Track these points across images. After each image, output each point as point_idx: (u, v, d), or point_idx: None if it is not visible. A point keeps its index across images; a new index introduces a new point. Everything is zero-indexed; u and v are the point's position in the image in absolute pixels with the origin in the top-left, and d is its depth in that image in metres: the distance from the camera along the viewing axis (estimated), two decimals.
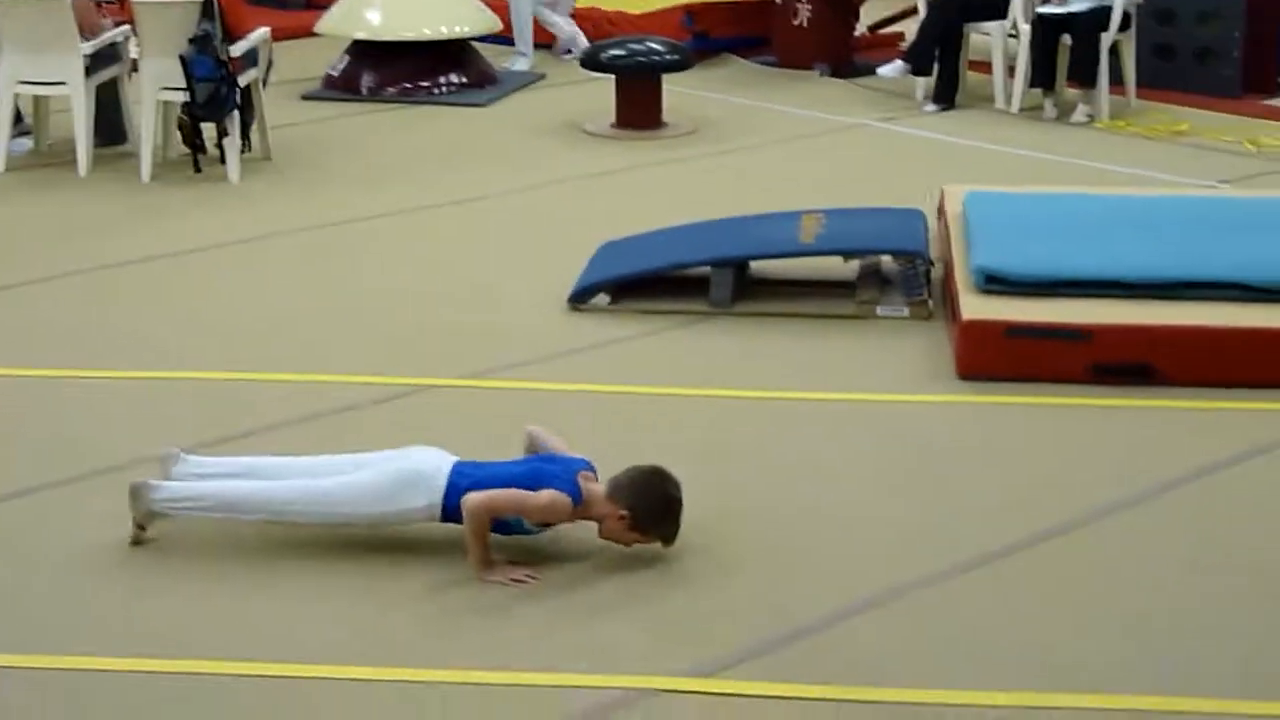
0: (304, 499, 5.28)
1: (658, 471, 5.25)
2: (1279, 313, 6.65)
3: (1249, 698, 4.46)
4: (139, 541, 5.31)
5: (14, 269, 8.12)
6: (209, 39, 9.40)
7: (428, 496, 5.18)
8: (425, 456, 5.30)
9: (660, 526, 5.17)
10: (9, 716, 4.43)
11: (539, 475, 5.16)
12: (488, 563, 5.08)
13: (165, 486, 5.30)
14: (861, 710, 4.44)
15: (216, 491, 5.31)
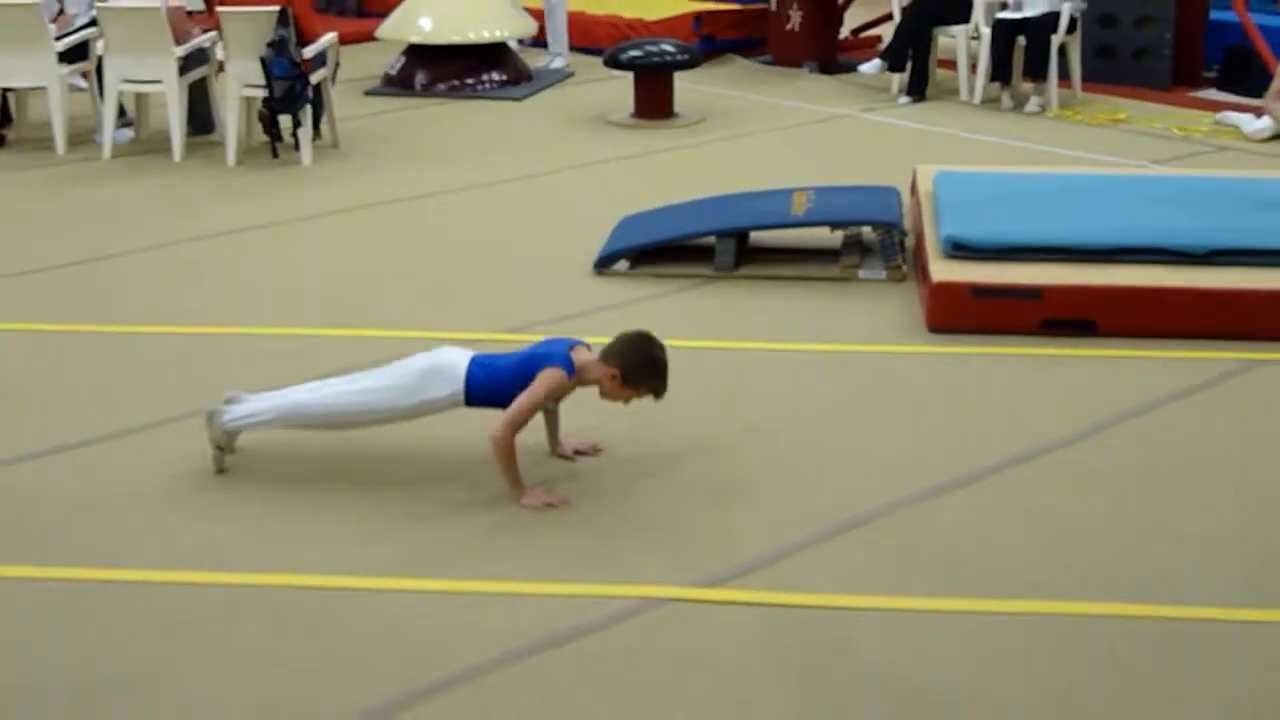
0: (346, 397, 5.25)
1: (643, 335, 5.26)
2: (1202, 274, 6.65)
3: (1204, 604, 4.49)
4: (221, 468, 5.33)
5: (119, 240, 8.13)
6: (285, 43, 9.40)
7: (450, 385, 5.16)
8: (447, 353, 5.28)
9: (648, 380, 5.16)
10: (112, 622, 4.47)
11: (538, 358, 5.15)
12: (521, 488, 5.09)
13: (231, 409, 5.30)
14: (851, 616, 4.46)
15: (273, 404, 5.30)
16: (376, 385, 5.26)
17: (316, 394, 5.32)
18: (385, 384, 5.25)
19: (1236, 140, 10.17)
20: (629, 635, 4.35)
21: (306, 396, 5.33)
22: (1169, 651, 4.27)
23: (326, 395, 5.30)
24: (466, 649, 4.26)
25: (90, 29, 10.06)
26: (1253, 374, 6.20)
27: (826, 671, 4.18)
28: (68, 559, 4.79)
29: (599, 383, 5.16)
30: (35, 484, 5.34)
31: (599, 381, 5.15)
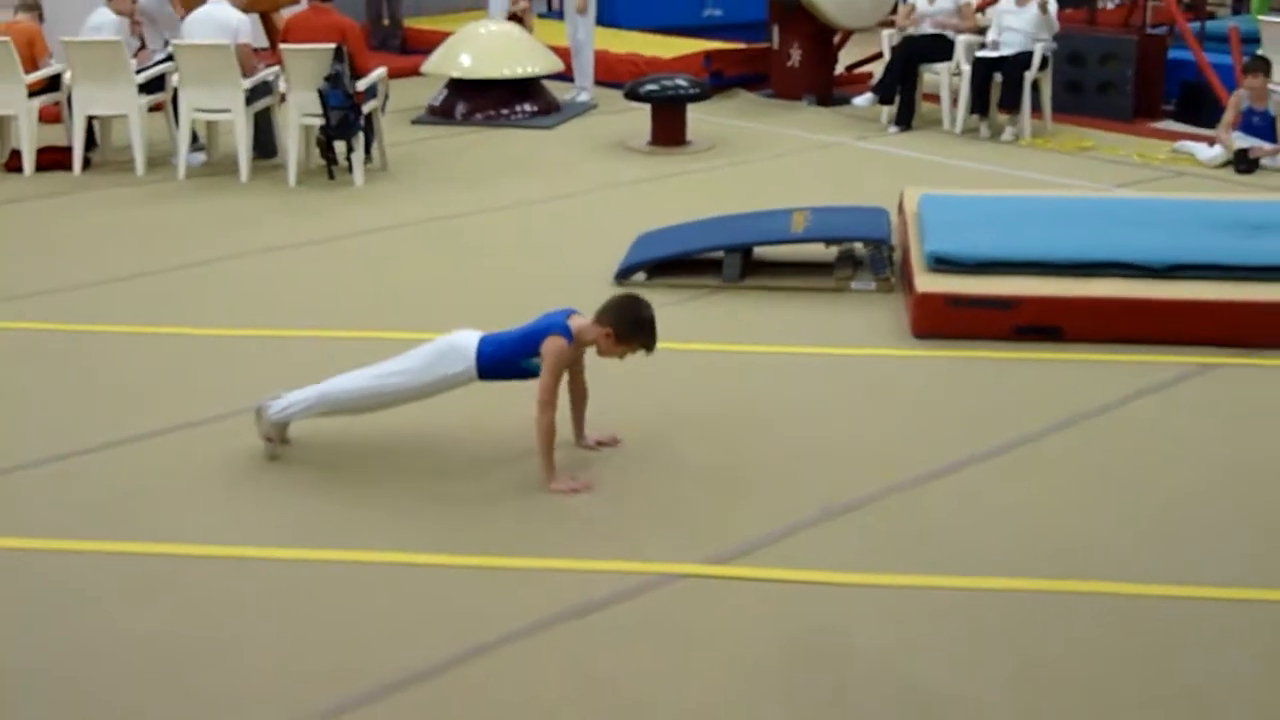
0: (373, 381, 5.28)
1: (630, 296, 5.28)
2: (1159, 287, 6.64)
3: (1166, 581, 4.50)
4: (273, 455, 5.36)
5: (192, 251, 8.15)
6: (340, 77, 9.42)
7: (463, 362, 5.18)
8: (459, 334, 5.29)
9: (638, 336, 5.15)
10: (184, 594, 4.49)
11: (539, 329, 5.16)
12: (552, 473, 5.11)
13: (276, 401, 5.34)
14: (845, 592, 4.47)
15: (313, 392, 5.32)
16: (399, 368, 5.29)
17: (348, 381, 5.35)
18: (406, 365, 5.28)
19: (1192, 166, 10.15)
20: (647, 607, 4.37)
21: (339, 383, 5.36)
22: (1133, 625, 4.28)
23: (356, 380, 5.33)
24: (502, 619, 4.28)
25: (167, 64, 10.10)
26: (1205, 376, 6.20)
27: (824, 641, 4.19)
28: (142, 536, 4.83)
29: (596, 342, 5.16)
30: (116, 469, 5.37)
31: (596, 341, 5.16)
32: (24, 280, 7.63)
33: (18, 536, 4.83)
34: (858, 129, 11.51)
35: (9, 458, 5.43)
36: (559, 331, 5.11)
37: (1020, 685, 3.97)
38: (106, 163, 10.30)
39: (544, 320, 5.23)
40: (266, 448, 5.37)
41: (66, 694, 3.95)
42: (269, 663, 4.09)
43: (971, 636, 4.20)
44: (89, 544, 4.77)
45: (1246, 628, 4.27)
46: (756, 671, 4.03)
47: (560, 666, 4.06)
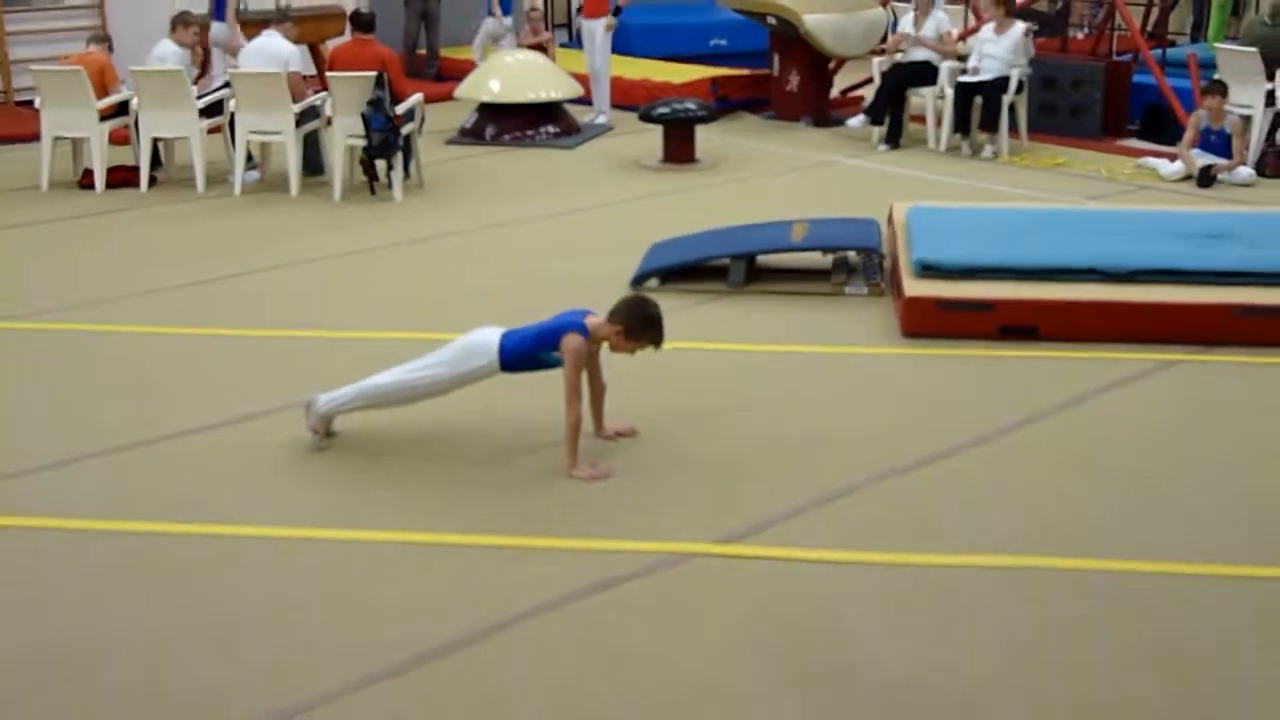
0: (407, 375, 5.28)
1: (640, 297, 5.28)
2: (1126, 290, 6.59)
3: (1135, 558, 4.45)
4: (320, 448, 5.34)
5: (245, 261, 8.13)
6: (381, 102, 9.39)
7: (486, 356, 5.17)
8: (483, 331, 5.27)
9: (647, 332, 5.13)
10: (240, 571, 4.46)
11: (557, 327, 5.15)
12: (575, 461, 5.08)
13: (321, 396, 5.36)
14: (842, 569, 4.43)
15: (353, 388, 5.33)
16: (429, 363, 5.27)
17: (385, 377, 5.33)
18: (435, 360, 5.27)
19: (1154, 181, 10.08)
20: (661, 583, 4.33)
21: (378, 379, 5.34)
22: (1107, 597, 4.24)
23: (392, 376, 5.32)
24: (529, 594, 4.25)
25: (224, 90, 10.07)
26: (1169, 371, 6.15)
27: (825, 614, 4.16)
28: (196, 519, 4.80)
29: (609, 339, 5.13)
30: (173, 459, 5.35)
31: (609, 338, 5.12)
32: (95, 287, 7.61)
33: (82, 519, 4.81)
34: (851, 148, 11.45)
35: (75, 448, 5.40)
36: (576, 329, 5.08)
37: (1009, 655, 3.93)
38: (170, 180, 10.28)
39: (561, 318, 5.20)
40: (313, 440, 5.35)
41: (127, 664, 3.92)
42: (309, 635, 4.06)
43: (961, 609, 4.16)
44: (146, 525, 4.75)
45: (1214, 600, 4.22)
46: (764, 644, 3.99)
47: (580, 640, 4.02)
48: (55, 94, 9.88)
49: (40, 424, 5.68)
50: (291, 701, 3.72)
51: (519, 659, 3.92)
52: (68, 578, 4.42)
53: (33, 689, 3.81)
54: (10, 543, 4.66)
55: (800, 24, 12.14)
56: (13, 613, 4.20)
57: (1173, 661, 3.90)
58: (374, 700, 3.73)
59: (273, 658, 3.94)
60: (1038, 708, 3.70)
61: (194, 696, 3.76)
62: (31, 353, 6.59)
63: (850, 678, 3.82)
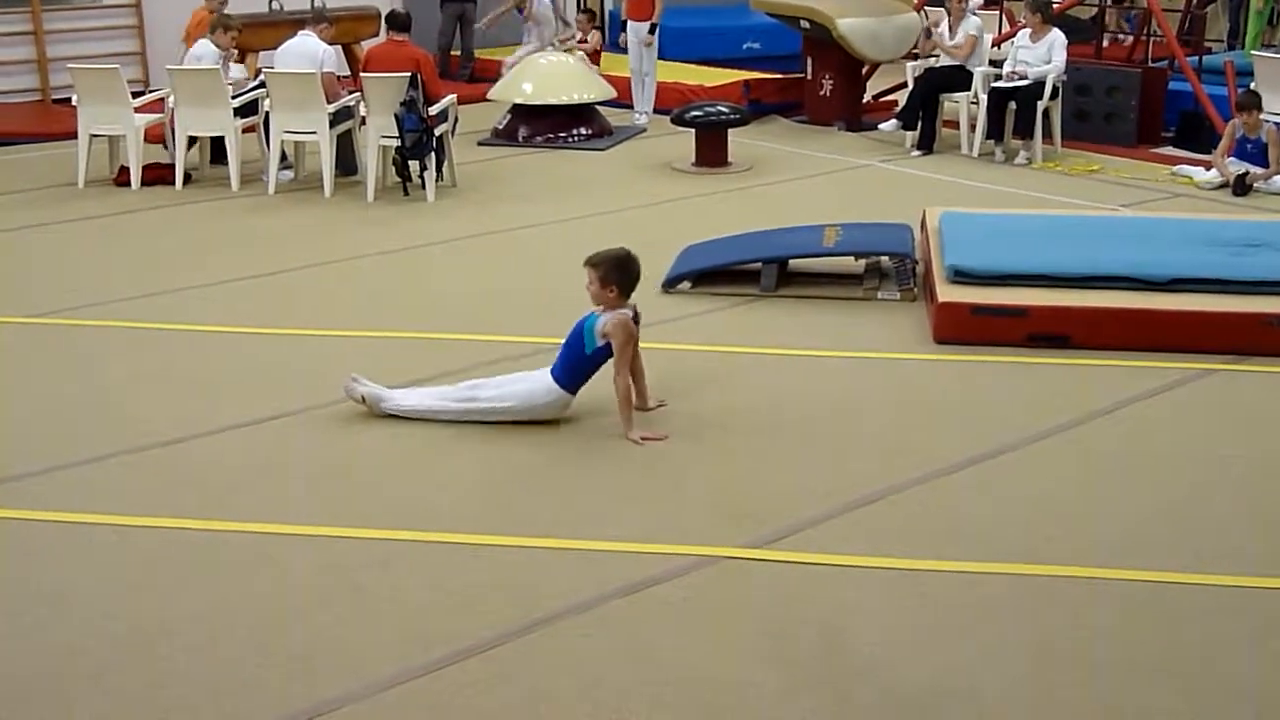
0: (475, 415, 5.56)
1: (618, 248, 5.63)
2: (1160, 298, 6.58)
3: (1167, 569, 4.45)
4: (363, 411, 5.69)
5: (280, 259, 8.20)
6: (414, 102, 9.45)
7: (553, 394, 5.52)
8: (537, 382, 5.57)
9: (616, 274, 5.49)
10: (280, 567, 4.51)
11: (579, 331, 5.52)
12: (631, 426, 5.42)
13: (382, 391, 5.66)
14: (871, 574, 4.45)
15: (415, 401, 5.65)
16: (498, 404, 5.55)
17: (450, 404, 5.60)
18: (500, 393, 5.57)
19: (1190, 188, 10.04)
20: (689, 586, 4.36)
21: (440, 404, 5.61)
22: (1134, 606, 4.24)
23: (459, 408, 5.58)
24: (561, 595, 4.28)
25: (259, 89, 10.16)
26: (1202, 380, 6.14)
27: (853, 620, 4.17)
28: (235, 516, 4.85)
29: (598, 296, 5.49)
30: (212, 454, 5.41)
31: (598, 295, 5.49)
32: (130, 283, 7.69)
33: (124, 514, 4.87)
34: (883, 152, 11.45)
35: (118, 443, 5.47)
36: (589, 319, 5.48)
37: (1035, 662, 3.94)
38: (205, 178, 10.37)
39: (576, 327, 5.53)
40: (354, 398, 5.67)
41: (168, 655, 3.98)
42: (347, 631, 4.10)
43: (989, 616, 4.17)
44: (189, 521, 4.80)
45: (1242, 610, 4.22)
46: (791, 647, 4.01)
47: (610, 638, 4.05)
48: (92, 92, 9.98)
49: (78, 419, 5.75)
50: (330, 695, 3.77)
51: (551, 658, 3.95)
52: (110, 571, 4.48)
53: (77, 681, 3.86)
54: (54, 537, 4.72)
55: (834, 28, 12.15)
56: (56, 605, 4.27)
57: (1198, 671, 3.90)
58: (409, 696, 3.77)
59: (312, 651, 3.99)
60: (1062, 715, 3.71)
61: (234, 688, 3.81)
62: (69, 348, 6.66)
63: (876, 683, 3.84)
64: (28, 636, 4.09)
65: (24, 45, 13.52)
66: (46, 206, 9.63)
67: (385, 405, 5.64)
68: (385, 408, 5.64)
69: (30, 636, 4.09)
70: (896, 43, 12.58)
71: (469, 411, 5.57)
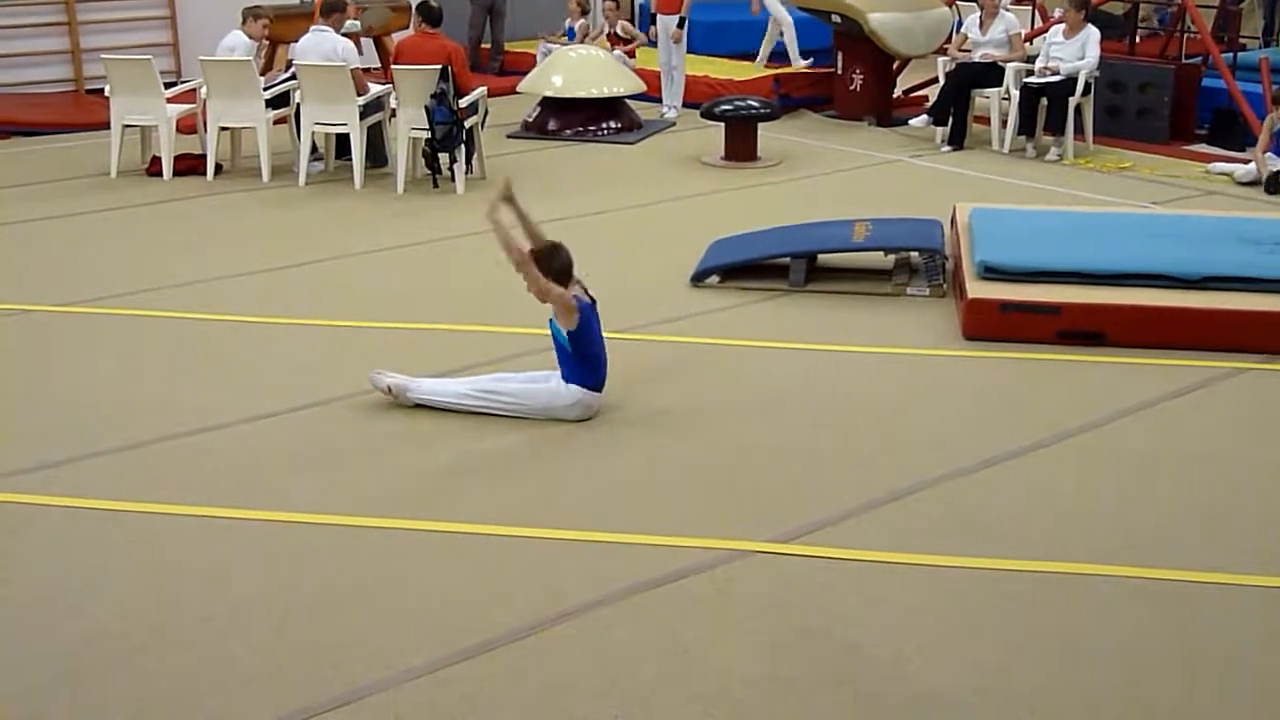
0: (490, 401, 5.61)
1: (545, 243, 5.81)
2: (1193, 296, 6.55)
3: (1197, 569, 4.43)
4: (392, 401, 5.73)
5: (311, 250, 8.23)
6: (445, 95, 9.47)
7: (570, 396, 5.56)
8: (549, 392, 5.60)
9: (545, 261, 5.67)
10: (307, 555, 4.54)
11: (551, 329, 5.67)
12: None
13: (409, 381, 5.69)
14: (898, 569, 4.44)
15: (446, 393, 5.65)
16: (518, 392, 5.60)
17: (472, 397, 5.61)
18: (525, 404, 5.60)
19: (1225, 186, 9.98)
20: (718, 580, 4.36)
21: (465, 395, 5.62)
22: (1162, 605, 4.22)
23: (483, 402, 5.60)
24: (586, 587, 4.29)
25: (290, 82, 10.19)
26: (1235, 379, 6.11)
27: (877, 614, 4.17)
28: (264, 505, 4.88)
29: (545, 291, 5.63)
30: (247, 444, 5.44)
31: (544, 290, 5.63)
32: (162, 273, 7.74)
33: (152, 502, 4.90)
34: (913, 148, 11.42)
35: (150, 431, 5.51)
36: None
37: (1062, 659, 3.93)
38: (236, 169, 10.42)
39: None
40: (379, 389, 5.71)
41: (199, 642, 4.01)
42: (377, 620, 4.12)
43: (1016, 613, 4.16)
44: (221, 510, 4.84)
45: (1274, 612, 4.20)
46: (817, 642, 4.01)
47: (636, 630, 4.06)
48: (124, 82, 10.04)
49: (111, 407, 5.79)
50: (360, 683, 3.79)
51: (578, 650, 3.97)
52: (144, 557, 4.51)
53: (106, 666, 3.90)
54: (89, 523, 4.76)
55: (865, 22, 12.12)
56: (90, 591, 4.30)
57: (1228, 670, 3.89)
58: (438, 686, 3.79)
59: (342, 640, 4.01)
60: (1091, 714, 3.70)
61: (266, 674, 3.84)
62: (100, 337, 6.71)
63: (901, 680, 3.84)
64: (63, 621, 4.13)
65: (58, 36, 13.60)
66: (80, 196, 9.69)
67: (411, 394, 5.67)
68: (411, 397, 5.67)
69: (65, 621, 4.13)
70: (928, 38, 12.54)
71: (492, 406, 5.59)
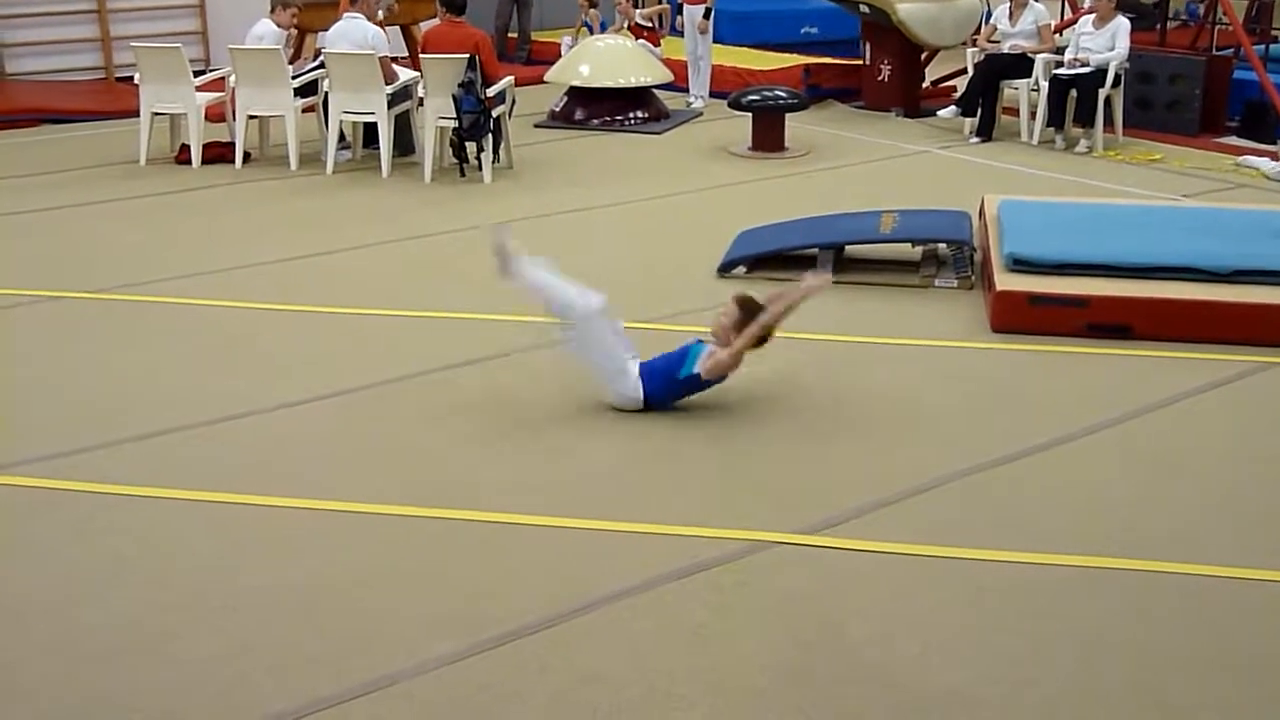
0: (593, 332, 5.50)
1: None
2: (1223, 290, 6.51)
3: (1221, 563, 4.41)
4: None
5: (338, 239, 8.26)
6: (472, 84, 9.48)
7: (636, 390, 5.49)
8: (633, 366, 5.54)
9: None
10: (331, 543, 4.55)
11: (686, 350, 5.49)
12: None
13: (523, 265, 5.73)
14: (923, 561, 4.42)
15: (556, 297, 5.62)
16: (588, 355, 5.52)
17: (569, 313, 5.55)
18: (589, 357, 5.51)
19: (1254, 179, 9.92)
20: (742, 571, 4.35)
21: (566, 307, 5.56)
22: (1189, 601, 4.20)
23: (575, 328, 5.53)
24: (609, 578, 4.28)
25: (319, 70, 10.21)
26: (1266, 374, 6.06)
27: (905, 608, 4.15)
28: (285, 492, 4.89)
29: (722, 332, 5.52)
30: (272, 431, 5.46)
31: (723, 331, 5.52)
32: (190, 261, 7.77)
33: (184, 489, 4.92)
34: (942, 139, 11.38)
35: (176, 419, 5.53)
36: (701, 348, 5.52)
37: (1082, 653, 3.91)
38: (264, 158, 10.45)
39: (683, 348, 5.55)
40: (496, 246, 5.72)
41: (219, 629, 4.02)
42: (400, 610, 4.12)
43: (1038, 607, 4.14)
44: (245, 496, 4.85)
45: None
46: (842, 635, 4.00)
47: (659, 622, 4.05)
48: (154, 70, 10.08)
49: (139, 394, 5.82)
50: (385, 672, 3.79)
51: (602, 641, 3.96)
52: (169, 544, 4.53)
53: (127, 654, 3.91)
54: (115, 509, 4.78)
55: (893, 12, 12.08)
56: (116, 578, 4.32)
57: (1252, 665, 3.86)
58: (462, 675, 3.79)
59: (366, 629, 4.01)
60: (1116, 709, 3.68)
61: (293, 663, 3.84)
62: (126, 324, 6.74)
63: (927, 673, 3.82)
64: (84, 608, 4.15)
65: (88, 24, 13.67)
66: (109, 183, 9.74)
67: (513, 271, 5.64)
68: (513, 273, 5.64)
69: (86, 608, 4.14)
70: (956, 28, 12.49)
71: (578, 336, 5.51)
